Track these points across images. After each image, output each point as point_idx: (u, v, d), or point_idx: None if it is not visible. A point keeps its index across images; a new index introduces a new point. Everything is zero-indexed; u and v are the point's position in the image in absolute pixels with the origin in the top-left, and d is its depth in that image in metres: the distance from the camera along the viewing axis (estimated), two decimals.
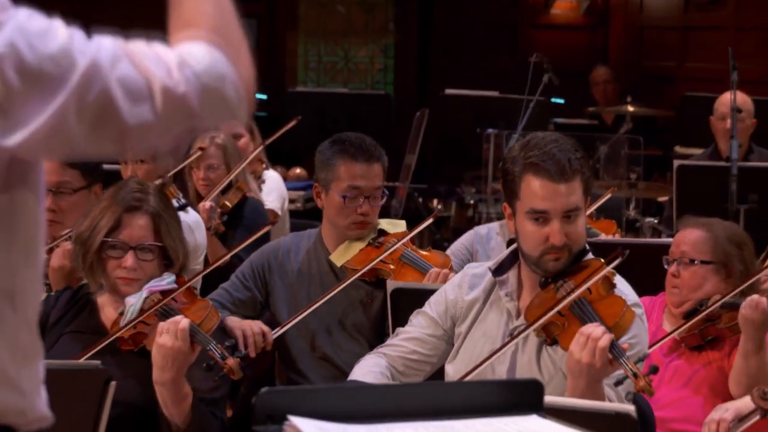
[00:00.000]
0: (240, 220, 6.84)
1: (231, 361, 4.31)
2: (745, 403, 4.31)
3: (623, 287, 4.34)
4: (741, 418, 4.21)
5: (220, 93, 2.31)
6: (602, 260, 4.26)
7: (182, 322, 4.21)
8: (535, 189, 4.24)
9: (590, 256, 4.34)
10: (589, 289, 4.20)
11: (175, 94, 2.26)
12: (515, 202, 4.31)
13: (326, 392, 2.68)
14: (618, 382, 4.03)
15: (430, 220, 5.66)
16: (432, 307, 4.50)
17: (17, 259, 2.38)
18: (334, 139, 5.48)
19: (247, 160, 7.00)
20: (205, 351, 4.29)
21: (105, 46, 2.26)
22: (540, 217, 4.24)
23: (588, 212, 6.74)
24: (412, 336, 4.49)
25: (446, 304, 4.48)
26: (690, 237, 5.14)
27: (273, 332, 5.22)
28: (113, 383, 3.75)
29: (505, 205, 4.42)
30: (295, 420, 2.36)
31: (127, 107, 2.24)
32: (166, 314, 4.34)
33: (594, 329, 3.99)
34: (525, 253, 4.32)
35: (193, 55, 2.30)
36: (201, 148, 6.83)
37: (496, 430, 2.48)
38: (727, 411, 4.27)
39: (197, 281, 5.36)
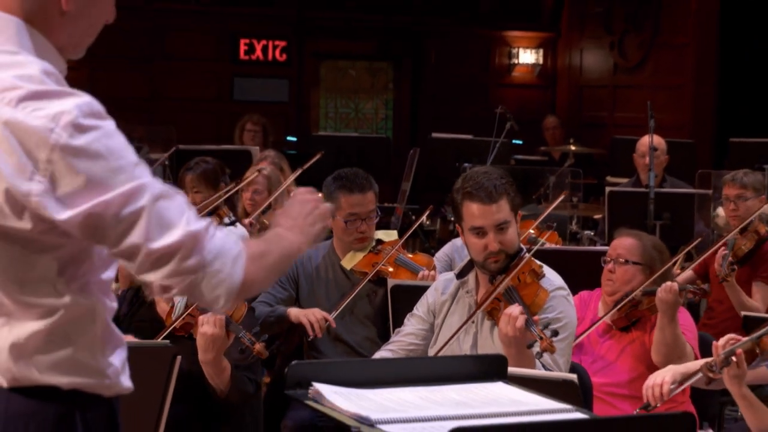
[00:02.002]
0: None
1: (258, 346, 4.33)
2: (680, 369, 4.18)
3: (551, 276, 4.36)
4: (680, 382, 4.07)
5: (225, 269, 2.29)
6: (528, 256, 4.31)
7: (218, 315, 4.22)
8: (472, 211, 4.28)
9: (524, 253, 4.34)
10: (518, 278, 4.24)
11: (196, 237, 2.25)
12: (461, 222, 4.35)
13: (341, 365, 2.77)
14: (530, 345, 4.00)
15: (418, 223, 5.75)
16: (419, 308, 4.54)
17: (96, 289, 2.36)
18: (334, 176, 5.46)
19: (284, 186, 6.87)
20: (237, 338, 4.30)
21: (162, 184, 2.26)
22: (478, 231, 4.28)
23: (533, 225, 6.85)
24: (408, 332, 4.53)
25: (428, 305, 4.52)
26: (625, 243, 5.12)
27: (340, 305, 5.24)
28: (179, 357, 3.71)
29: (457, 225, 4.45)
30: (317, 385, 2.42)
31: (155, 231, 2.22)
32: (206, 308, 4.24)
33: (512, 309, 4.03)
34: (473, 259, 4.37)
35: (230, 239, 2.33)
36: (249, 181, 6.82)
37: (471, 392, 2.52)
38: (665, 375, 4.14)
39: None
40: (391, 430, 2.26)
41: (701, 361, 4.21)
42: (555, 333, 4.04)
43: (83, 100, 2.21)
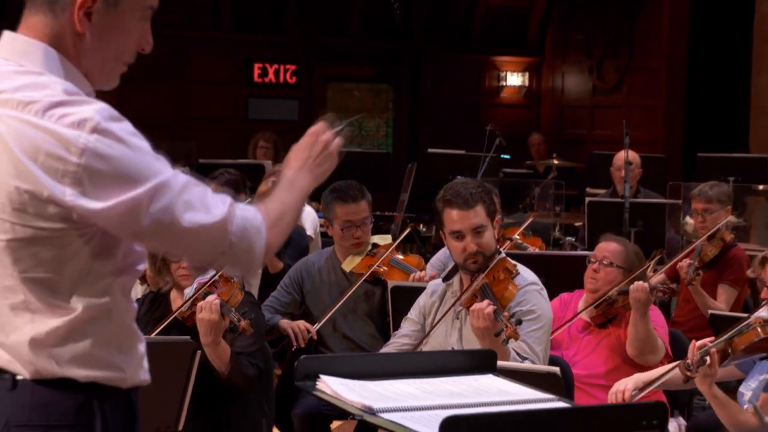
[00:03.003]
0: (288, 239, 6.84)
1: (243, 323, 4.28)
2: (642, 377, 4.25)
3: (525, 273, 4.38)
4: (641, 389, 4.14)
5: (251, 242, 2.32)
6: (504, 257, 4.35)
7: (213, 300, 4.21)
8: (451, 217, 4.33)
9: (502, 255, 4.37)
10: (493, 276, 4.27)
11: (220, 223, 2.27)
12: (443, 228, 4.39)
13: (345, 359, 2.72)
14: (497, 333, 4.02)
15: (408, 230, 5.81)
16: (412, 312, 4.58)
17: (116, 290, 2.34)
18: (331, 188, 5.49)
19: None
20: (229, 319, 4.25)
21: (184, 175, 2.28)
22: (457, 235, 4.32)
23: (517, 232, 6.85)
24: (403, 334, 4.57)
25: (419, 309, 4.56)
26: (610, 247, 5.12)
27: (315, 326, 5.25)
28: (199, 352, 3.73)
29: (441, 232, 4.47)
30: (324, 377, 2.40)
31: (184, 221, 2.23)
32: (205, 296, 4.32)
33: (479, 305, 4.05)
34: (455, 261, 4.41)
35: (244, 208, 2.33)
36: (262, 192, 6.70)
37: (464, 384, 2.50)
38: (628, 383, 4.21)
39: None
40: (390, 418, 2.25)
41: (661, 369, 4.27)
42: (519, 322, 4.07)
43: (101, 105, 2.20)
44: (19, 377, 2.28)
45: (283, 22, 14.05)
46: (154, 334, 4.25)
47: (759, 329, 3.94)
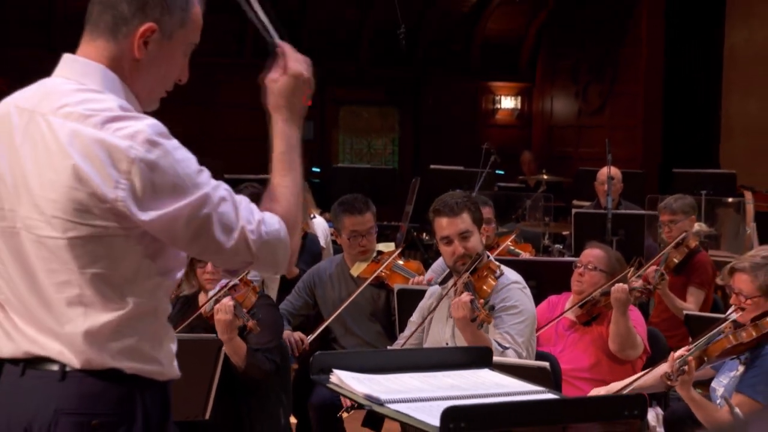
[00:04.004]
0: (303, 246, 6.85)
1: (251, 323, 4.28)
2: (614, 387, 4.29)
3: (509, 273, 4.42)
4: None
5: (274, 250, 2.32)
6: (489, 259, 4.37)
7: (228, 303, 4.22)
8: (441, 224, 4.40)
9: (488, 258, 4.41)
10: (478, 274, 4.30)
11: (248, 237, 2.27)
12: (435, 235, 4.45)
13: (356, 355, 2.73)
14: (473, 319, 4.05)
15: (409, 239, 5.73)
16: (415, 315, 4.60)
17: (161, 291, 2.36)
18: (339, 201, 5.53)
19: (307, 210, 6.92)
20: (241, 318, 4.26)
21: (222, 187, 2.27)
22: (446, 240, 4.38)
23: (509, 240, 6.82)
24: (405, 335, 4.56)
25: (420, 311, 4.58)
26: (595, 253, 5.12)
27: (309, 336, 5.22)
28: (224, 349, 3.74)
29: (435, 240, 4.51)
30: (337, 371, 2.39)
31: (218, 233, 2.24)
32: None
33: (459, 297, 4.09)
34: (446, 264, 4.45)
35: (268, 221, 2.31)
36: None
37: (463, 377, 2.49)
38: (600, 391, 4.25)
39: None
40: (396, 408, 2.25)
41: (630, 379, 4.29)
42: (492, 308, 4.14)
43: (153, 121, 2.23)
44: (68, 368, 2.26)
45: (300, 51, 14.02)
46: (179, 329, 4.26)
47: (731, 336, 3.97)
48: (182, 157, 2.23)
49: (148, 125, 2.20)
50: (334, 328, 5.38)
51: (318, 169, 12.57)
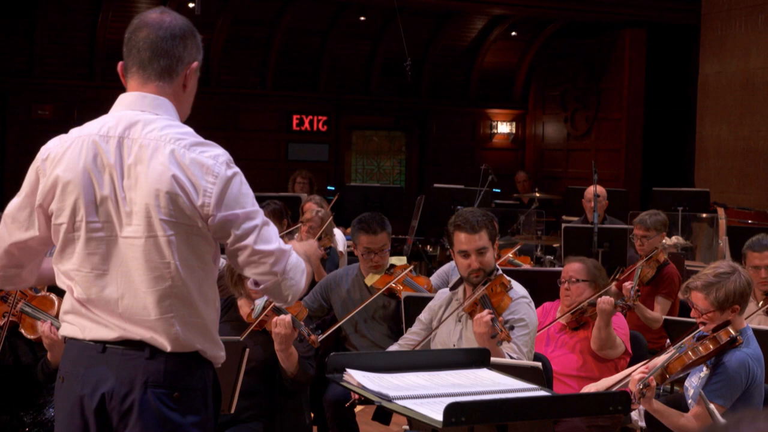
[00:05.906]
0: (328, 256, 6.82)
1: (313, 337, 4.31)
2: (602, 384, 4.24)
3: (517, 288, 4.35)
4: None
5: (300, 275, 2.53)
6: (501, 273, 4.32)
7: (287, 318, 4.20)
8: (460, 239, 4.30)
9: (499, 272, 4.36)
10: (491, 288, 4.24)
11: (281, 253, 2.48)
12: (452, 247, 4.37)
13: (367, 355, 2.70)
14: (493, 336, 4.01)
15: (410, 267, 5.56)
16: (423, 314, 4.56)
17: (211, 289, 2.52)
18: (358, 219, 5.48)
19: (326, 223, 6.85)
20: (300, 332, 4.27)
21: (264, 218, 2.49)
22: (464, 253, 4.29)
23: (510, 252, 6.80)
24: (413, 331, 4.56)
25: (429, 313, 4.53)
26: (573, 266, 5.12)
27: (329, 330, 5.11)
28: (247, 350, 3.74)
29: (450, 249, 4.45)
30: (349, 371, 2.45)
31: (258, 242, 2.45)
32: (277, 309, 4.31)
33: (481, 315, 4.05)
34: (461, 275, 4.37)
35: (300, 261, 2.54)
36: (308, 219, 6.79)
37: (464, 376, 2.53)
38: (591, 387, 4.21)
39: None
40: (403, 404, 2.25)
41: (619, 376, 4.24)
42: (511, 327, 4.14)
43: (224, 150, 2.50)
44: (157, 350, 2.44)
45: (317, 82, 14.09)
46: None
47: (690, 352, 3.89)
48: (245, 181, 2.50)
49: (224, 151, 2.48)
50: (345, 328, 5.36)
51: (333, 188, 12.57)
